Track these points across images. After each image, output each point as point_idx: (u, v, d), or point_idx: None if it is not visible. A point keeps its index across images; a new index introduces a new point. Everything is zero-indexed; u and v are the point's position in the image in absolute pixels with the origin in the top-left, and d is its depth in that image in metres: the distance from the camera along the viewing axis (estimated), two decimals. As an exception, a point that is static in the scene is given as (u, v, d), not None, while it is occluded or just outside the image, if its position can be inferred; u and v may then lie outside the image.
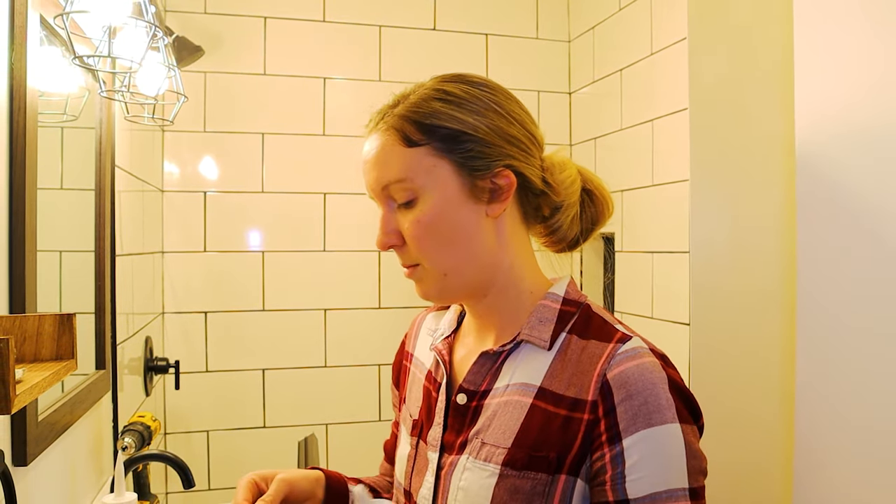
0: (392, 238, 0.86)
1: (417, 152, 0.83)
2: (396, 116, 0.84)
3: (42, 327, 0.90)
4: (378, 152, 0.85)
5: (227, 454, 2.35)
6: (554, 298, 0.87)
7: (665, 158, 2.11)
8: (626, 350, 0.78)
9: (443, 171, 0.83)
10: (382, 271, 2.54)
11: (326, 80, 2.49)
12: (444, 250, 0.84)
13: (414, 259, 0.86)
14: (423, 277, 0.87)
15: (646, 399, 0.75)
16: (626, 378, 0.76)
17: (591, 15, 2.56)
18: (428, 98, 0.84)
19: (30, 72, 1.06)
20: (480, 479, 0.81)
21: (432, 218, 0.83)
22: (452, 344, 0.96)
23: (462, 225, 0.84)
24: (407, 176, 0.83)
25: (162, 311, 2.35)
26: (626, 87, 2.33)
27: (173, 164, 2.38)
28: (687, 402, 0.78)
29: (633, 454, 0.74)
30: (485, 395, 0.85)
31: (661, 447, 0.74)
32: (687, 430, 0.76)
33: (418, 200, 0.83)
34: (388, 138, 0.84)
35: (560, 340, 0.84)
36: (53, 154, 1.28)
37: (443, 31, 2.58)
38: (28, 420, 1.05)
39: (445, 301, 0.92)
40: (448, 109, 0.83)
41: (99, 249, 1.51)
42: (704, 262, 1.96)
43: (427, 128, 0.83)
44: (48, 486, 1.19)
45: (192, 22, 2.35)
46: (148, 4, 1.13)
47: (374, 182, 0.86)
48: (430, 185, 0.83)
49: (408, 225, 0.84)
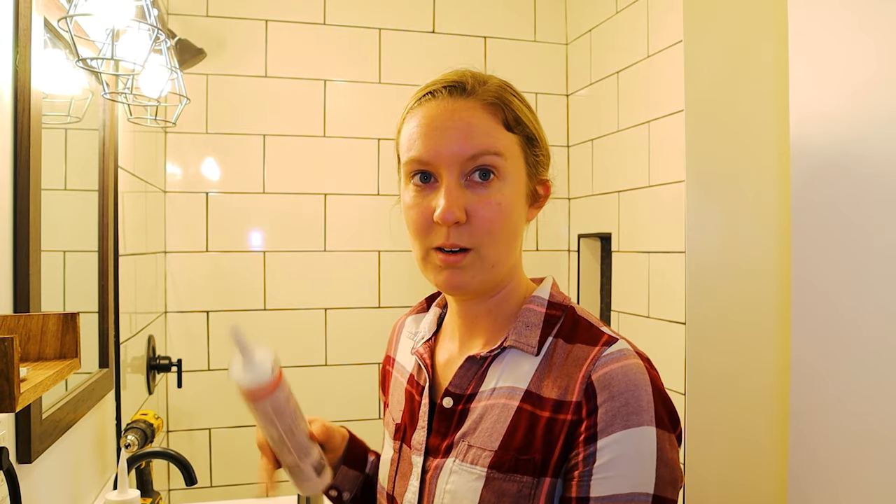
0: (461, 213, 0.79)
1: (512, 139, 0.82)
2: (496, 95, 0.83)
3: (46, 326, 0.91)
4: (479, 120, 0.81)
5: (228, 451, 2.36)
6: (539, 302, 0.86)
7: (661, 160, 2.12)
8: (611, 352, 0.77)
9: (522, 166, 0.84)
10: (382, 271, 2.55)
11: (327, 83, 2.50)
12: (506, 240, 0.82)
13: (471, 242, 0.80)
14: (470, 266, 0.81)
15: (627, 400, 0.74)
16: (610, 379, 0.75)
17: (589, 18, 2.57)
18: (509, 92, 0.85)
19: (34, 74, 1.06)
20: (467, 482, 0.79)
21: (510, 204, 0.81)
22: (433, 347, 0.94)
23: (520, 222, 0.85)
24: (506, 154, 0.81)
25: (164, 310, 2.36)
26: (622, 89, 2.34)
27: (176, 166, 2.39)
28: (667, 407, 0.76)
29: (606, 454, 0.73)
30: (471, 398, 0.84)
31: (634, 449, 0.73)
32: (663, 436, 0.74)
33: (496, 183, 0.80)
34: (490, 112, 0.82)
35: (546, 345, 0.82)
36: (57, 155, 1.29)
37: (442, 34, 2.60)
38: (32, 418, 1.05)
39: (469, 295, 0.87)
40: (527, 111, 0.86)
41: (102, 249, 1.51)
42: (700, 262, 1.96)
43: (519, 120, 0.84)
44: (52, 483, 1.19)
45: (195, 25, 2.36)
46: (150, 8, 1.13)
47: (464, 145, 0.79)
48: (514, 174, 0.82)
49: (486, 203, 0.80)
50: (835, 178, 1.08)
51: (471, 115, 0.81)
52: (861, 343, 1.03)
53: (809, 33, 1.13)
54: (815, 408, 1.11)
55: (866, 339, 1.02)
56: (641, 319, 2.18)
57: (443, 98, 0.82)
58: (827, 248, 1.09)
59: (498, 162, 0.80)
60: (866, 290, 1.02)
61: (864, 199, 1.03)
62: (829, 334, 1.09)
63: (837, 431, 1.07)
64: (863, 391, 1.03)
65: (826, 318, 1.09)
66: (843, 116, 1.07)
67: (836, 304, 1.08)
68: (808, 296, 1.13)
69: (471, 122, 0.80)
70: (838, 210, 1.08)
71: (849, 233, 1.06)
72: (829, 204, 1.09)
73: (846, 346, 1.06)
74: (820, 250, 1.11)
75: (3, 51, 1.01)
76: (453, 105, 0.81)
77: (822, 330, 1.10)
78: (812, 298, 1.13)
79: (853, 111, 1.05)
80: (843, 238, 1.07)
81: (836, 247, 1.08)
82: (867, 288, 1.02)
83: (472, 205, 0.79)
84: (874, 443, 1.01)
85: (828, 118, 1.09)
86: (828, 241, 1.09)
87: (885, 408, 0.99)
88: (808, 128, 1.13)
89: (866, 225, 1.02)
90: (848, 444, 1.05)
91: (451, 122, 0.80)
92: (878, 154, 1.00)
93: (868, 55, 1.02)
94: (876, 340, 1.01)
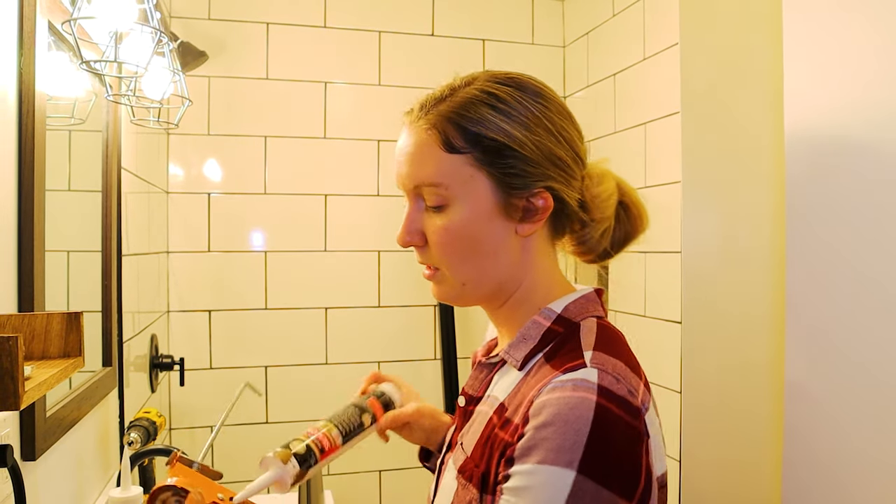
0: (415, 238, 0.82)
1: (457, 160, 0.77)
2: (440, 116, 0.78)
3: (50, 325, 0.91)
4: (415, 149, 0.80)
5: (230, 449, 2.37)
6: (546, 315, 0.81)
7: (657, 161, 2.12)
8: (563, 379, 0.69)
9: (480, 184, 0.78)
10: (382, 271, 2.57)
11: (327, 85, 2.51)
12: (467, 262, 0.80)
13: (435, 262, 0.82)
14: (441, 282, 0.83)
15: (549, 435, 0.66)
16: (542, 407, 0.68)
17: (586, 21, 2.58)
18: (477, 101, 0.78)
19: (38, 76, 1.07)
20: (450, 480, 0.80)
21: (460, 229, 0.78)
22: (492, 347, 0.93)
23: (489, 240, 0.79)
24: (442, 182, 0.78)
25: (167, 309, 2.37)
26: (619, 91, 2.35)
27: (178, 167, 2.40)
28: (610, 459, 0.65)
29: (515, 481, 0.67)
30: (478, 401, 0.84)
31: (539, 487, 0.65)
32: (585, 486, 0.64)
33: (449, 207, 0.78)
34: (429, 137, 0.78)
35: (532, 362, 0.78)
36: (61, 156, 1.29)
37: (441, 37, 2.61)
38: (37, 416, 1.06)
39: (459, 304, 0.88)
40: (496, 118, 0.77)
41: (105, 249, 1.52)
42: (696, 262, 1.97)
43: (471, 135, 0.77)
44: (56, 480, 1.20)
45: (197, 28, 2.37)
46: (153, 11, 1.13)
47: (405, 178, 0.81)
48: (463, 195, 0.78)
49: (434, 230, 0.80)
50: (829, 179, 1.09)
51: (411, 144, 0.80)
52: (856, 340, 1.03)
53: (804, 37, 1.13)
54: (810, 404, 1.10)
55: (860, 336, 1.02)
56: (638, 319, 2.20)
57: (404, 123, 0.83)
58: (820, 247, 1.09)
59: (435, 192, 0.78)
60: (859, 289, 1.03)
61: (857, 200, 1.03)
62: (823, 333, 1.09)
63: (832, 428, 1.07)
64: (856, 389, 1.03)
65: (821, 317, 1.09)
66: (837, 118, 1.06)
67: (830, 302, 1.08)
68: (803, 294, 1.13)
69: (410, 151, 0.80)
70: (832, 210, 1.08)
71: (842, 233, 1.05)
72: (823, 204, 1.09)
73: (841, 343, 1.06)
74: (814, 250, 1.11)
75: (7, 53, 1.01)
76: (404, 132, 0.82)
77: (817, 328, 1.10)
78: (806, 298, 1.12)
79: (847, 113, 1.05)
80: (836, 238, 1.07)
81: (829, 246, 1.08)
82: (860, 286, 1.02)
83: (427, 229, 0.81)
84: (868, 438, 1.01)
85: (822, 120, 1.09)
86: (821, 242, 1.09)
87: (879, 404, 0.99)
88: (803, 130, 1.13)
89: (860, 225, 1.02)
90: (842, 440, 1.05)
91: (400, 151, 0.82)
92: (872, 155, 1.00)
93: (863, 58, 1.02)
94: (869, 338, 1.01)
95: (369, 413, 1.01)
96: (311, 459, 0.91)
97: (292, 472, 0.89)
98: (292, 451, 0.90)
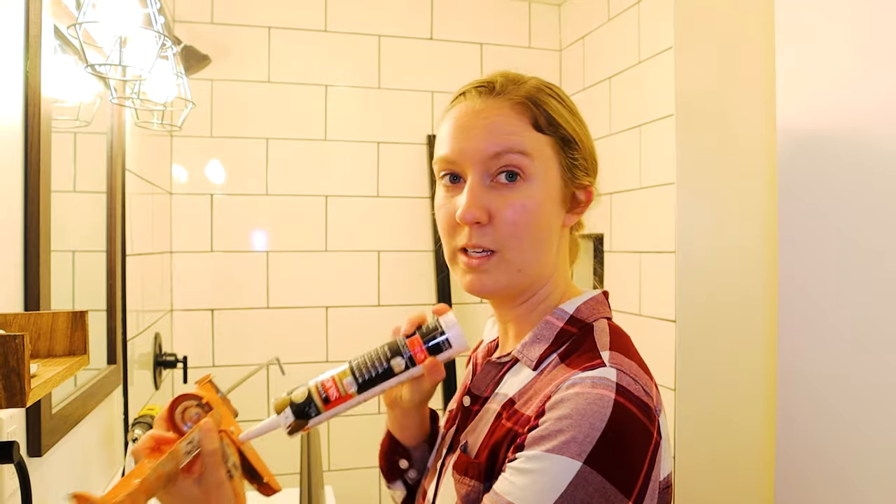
0: (483, 214, 0.76)
1: (542, 140, 0.78)
2: (525, 97, 0.79)
3: (56, 324, 0.91)
4: (503, 119, 0.78)
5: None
6: (559, 316, 0.81)
7: (652, 162, 2.13)
8: (582, 377, 0.69)
9: (554, 168, 0.79)
10: (382, 271, 2.59)
11: (328, 88, 2.53)
12: (533, 244, 0.78)
13: (494, 244, 0.77)
14: (494, 268, 0.78)
15: (566, 426, 0.65)
16: (560, 401, 0.68)
17: (582, 25, 2.59)
18: (546, 93, 0.81)
19: (44, 79, 1.07)
20: (452, 483, 0.79)
21: (537, 206, 0.77)
22: (492, 348, 0.93)
23: (551, 225, 0.80)
24: (532, 154, 0.77)
25: (170, 308, 2.39)
26: (614, 94, 2.37)
27: (181, 168, 2.42)
28: (620, 459, 0.65)
29: (520, 463, 0.67)
30: (485, 400, 0.83)
31: (542, 473, 0.65)
32: (591, 478, 0.63)
33: (525, 183, 0.77)
34: (517, 112, 0.78)
35: (546, 362, 0.78)
36: (66, 158, 1.29)
37: (439, 41, 2.61)
38: (42, 413, 1.06)
39: (494, 299, 0.85)
40: (564, 111, 0.81)
41: (110, 250, 1.52)
42: (690, 262, 1.99)
43: (553, 121, 0.79)
44: (61, 476, 1.20)
45: (200, 32, 2.40)
46: (157, 15, 1.14)
47: (488, 142, 0.77)
48: (543, 174, 0.78)
49: (509, 205, 0.76)
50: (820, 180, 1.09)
51: (496, 114, 0.78)
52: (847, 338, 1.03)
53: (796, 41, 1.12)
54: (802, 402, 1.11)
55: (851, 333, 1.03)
56: (633, 317, 2.21)
57: (472, 98, 0.81)
58: (812, 247, 1.09)
59: (522, 161, 0.76)
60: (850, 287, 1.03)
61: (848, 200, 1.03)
62: (814, 330, 1.09)
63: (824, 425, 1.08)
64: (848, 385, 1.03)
65: (812, 315, 1.10)
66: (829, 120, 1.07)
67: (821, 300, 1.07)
68: (795, 293, 1.13)
69: (496, 120, 0.77)
70: (823, 210, 1.08)
71: (833, 232, 1.06)
72: (815, 205, 1.09)
73: (831, 341, 1.06)
74: (806, 249, 1.11)
75: (13, 57, 1.01)
76: (481, 105, 0.79)
77: (808, 326, 1.10)
78: (798, 296, 1.13)
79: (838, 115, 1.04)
80: (827, 237, 1.07)
81: (820, 245, 1.08)
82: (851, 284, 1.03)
83: (496, 206, 0.76)
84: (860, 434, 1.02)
85: (814, 122, 1.09)
86: (813, 241, 1.09)
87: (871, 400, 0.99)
88: (795, 131, 1.13)
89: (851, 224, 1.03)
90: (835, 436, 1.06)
91: (477, 121, 0.78)
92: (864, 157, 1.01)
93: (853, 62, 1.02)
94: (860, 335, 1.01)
95: (404, 356, 0.80)
96: (311, 410, 0.77)
97: (285, 424, 0.78)
98: (290, 399, 0.79)
